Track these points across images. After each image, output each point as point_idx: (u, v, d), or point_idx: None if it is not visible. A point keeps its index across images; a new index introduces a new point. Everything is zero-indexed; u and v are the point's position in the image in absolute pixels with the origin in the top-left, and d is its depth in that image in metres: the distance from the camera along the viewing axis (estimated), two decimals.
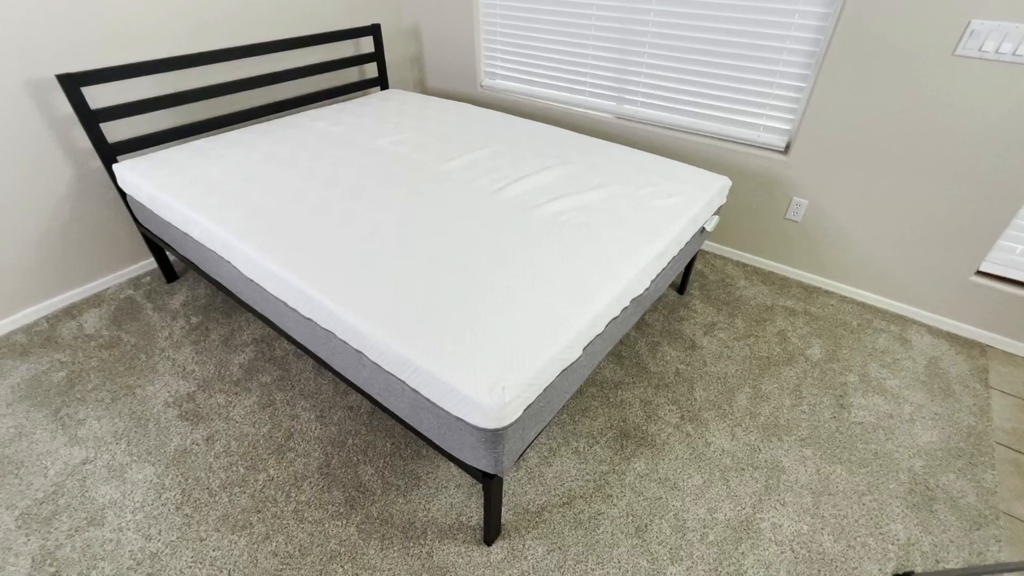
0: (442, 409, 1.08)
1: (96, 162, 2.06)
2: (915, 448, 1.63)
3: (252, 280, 1.48)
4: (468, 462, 1.14)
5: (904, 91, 1.79)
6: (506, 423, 1.02)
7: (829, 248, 2.23)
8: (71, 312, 2.12)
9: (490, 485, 1.17)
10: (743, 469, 1.56)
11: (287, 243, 1.44)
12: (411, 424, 1.24)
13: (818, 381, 1.85)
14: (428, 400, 1.11)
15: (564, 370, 1.18)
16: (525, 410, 1.07)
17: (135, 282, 2.29)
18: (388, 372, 1.17)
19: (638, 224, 1.58)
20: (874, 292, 2.21)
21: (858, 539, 1.39)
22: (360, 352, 1.22)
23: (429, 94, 3.18)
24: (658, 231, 1.56)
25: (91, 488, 1.48)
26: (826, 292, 2.30)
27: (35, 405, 1.72)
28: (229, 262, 1.55)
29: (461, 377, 1.03)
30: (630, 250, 1.46)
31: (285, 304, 1.39)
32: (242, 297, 1.65)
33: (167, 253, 2.29)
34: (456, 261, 1.38)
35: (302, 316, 1.35)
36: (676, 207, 1.69)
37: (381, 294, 1.25)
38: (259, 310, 1.59)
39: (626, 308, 1.42)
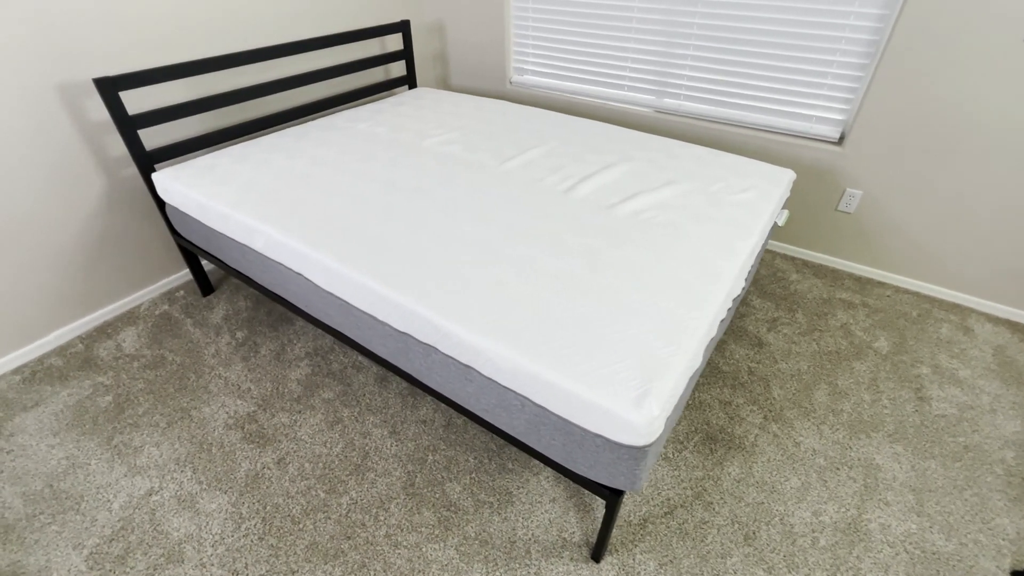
0: (576, 426, 1.02)
1: (128, 171, 1.94)
2: (1002, 439, 1.61)
3: (331, 293, 1.39)
4: (599, 480, 1.08)
5: (971, 79, 1.77)
6: (653, 439, 0.96)
7: (883, 239, 2.21)
8: (106, 331, 1.99)
9: (615, 502, 1.11)
10: (838, 468, 1.52)
11: (367, 252, 1.36)
12: (525, 441, 1.17)
13: (892, 374, 1.83)
14: (558, 417, 1.04)
15: (690, 377, 1.13)
16: (666, 422, 1.02)
17: (169, 296, 2.17)
18: (506, 388, 1.10)
19: (723, 221, 1.53)
20: (929, 281, 2.20)
21: (968, 536, 1.36)
22: (469, 367, 1.15)
23: (454, 92, 3.08)
24: (747, 228, 1.51)
25: (163, 521, 1.38)
26: (880, 283, 2.28)
27: (84, 433, 1.61)
28: (300, 274, 1.46)
29: (602, 392, 0.97)
30: (726, 249, 1.41)
31: (373, 318, 1.31)
32: (309, 311, 1.55)
33: (202, 265, 2.17)
34: (550, 266, 1.31)
35: (394, 331, 1.27)
36: (754, 202, 1.65)
37: (486, 305, 1.18)
38: (332, 324, 1.50)
39: (730, 308, 1.37)
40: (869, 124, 2.02)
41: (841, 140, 2.14)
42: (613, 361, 1.03)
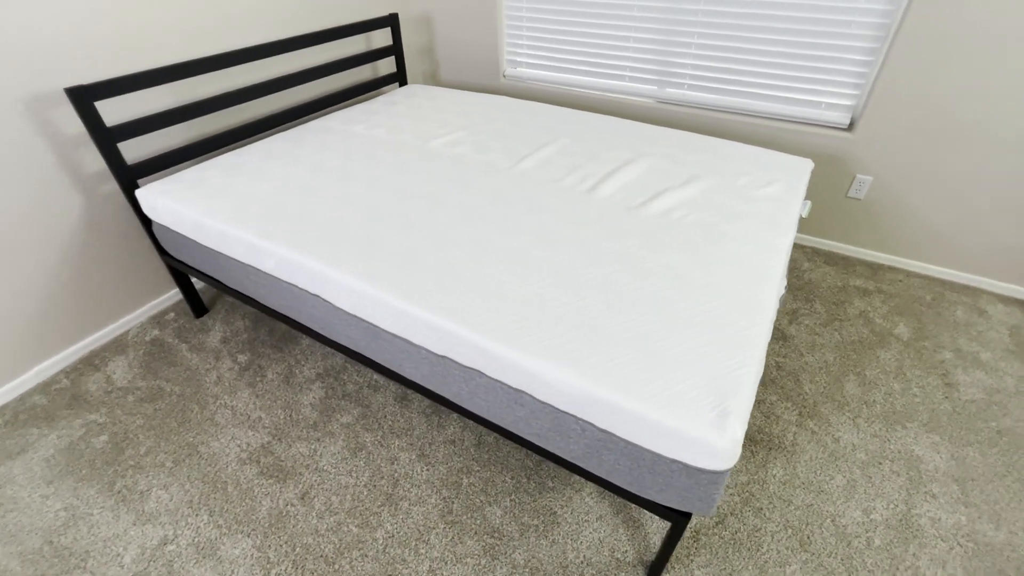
0: (647, 451, 0.95)
1: (107, 187, 1.77)
2: None
3: (356, 316, 1.28)
4: (668, 504, 1.01)
5: (983, 62, 1.76)
6: (735, 460, 0.90)
7: (893, 224, 2.21)
8: (93, 362, 1.83)
9: (683, 525, 1.05)
10: (880, 463, 1.50)
11: (395, 270, 1.25)
12: (582, 466, 1.10)
13: (917, 361, 1.83)
14: (626, 442, 0.97)
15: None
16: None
17: (158, 320, 2.02)
18: (563, 412, 1.03)
19: (756, 218, 1.48)
20: (940, 265, 2.21)
21: (1017, 523, 1.36)
22: (520, 391, 1.07)
23: (446, 88, 2.96)
24: (782, 223, 1.46)
25: (182, 573, 1.26)
26: (891, 268, 2.28)
27: (82, 480, 1.47)
28: (318, 296, 1.34)
29: (678, 415, 0.90)
30: (766, 247, 1.35)
31: (407, 342, 1.21)
32: (326, 334, 1.44)
33: (194, 285, 2.02)
34: (589, 275, 1.24)
35: (431, 354, 1.18)
36: (782, 196, 1.60)
37: (531, 322, 1.10)
38: (354, 347, 1.39)
39: (778, 309, 1.32)
40: (880, 109, 1.99)
41: (851, 126, 2.11)
42: (679, 379, 0.97)
